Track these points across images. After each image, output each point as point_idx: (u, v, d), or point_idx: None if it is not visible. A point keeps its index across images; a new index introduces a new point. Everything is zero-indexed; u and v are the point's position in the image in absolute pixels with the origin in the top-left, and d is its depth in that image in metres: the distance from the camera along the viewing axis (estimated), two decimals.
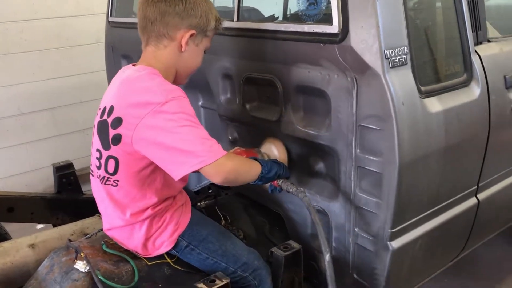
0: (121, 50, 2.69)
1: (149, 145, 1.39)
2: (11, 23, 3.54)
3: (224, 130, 2.19)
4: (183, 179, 1.54)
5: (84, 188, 2.63)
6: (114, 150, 1.46)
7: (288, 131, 1.81)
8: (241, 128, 2.11)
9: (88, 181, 2.89)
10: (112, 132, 1.44)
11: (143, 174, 1.49)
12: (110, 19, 2.74)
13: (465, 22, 1.71)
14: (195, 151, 1.36)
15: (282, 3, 2.67)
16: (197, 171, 1.41)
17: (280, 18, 2.53)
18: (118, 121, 1.42)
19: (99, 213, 2.11)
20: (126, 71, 1.54)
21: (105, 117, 1.47)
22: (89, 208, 2.40)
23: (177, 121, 1.36)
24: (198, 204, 2.09)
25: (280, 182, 1.65)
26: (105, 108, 1.49)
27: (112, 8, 2.73)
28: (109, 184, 1.51)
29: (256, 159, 1.62)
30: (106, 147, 1.47)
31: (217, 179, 1.42)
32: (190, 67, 1.61)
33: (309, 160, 1.81)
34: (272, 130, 1.88)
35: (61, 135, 3.94)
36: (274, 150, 1.84)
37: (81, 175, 2.69)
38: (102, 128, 1.48)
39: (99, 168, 1.52)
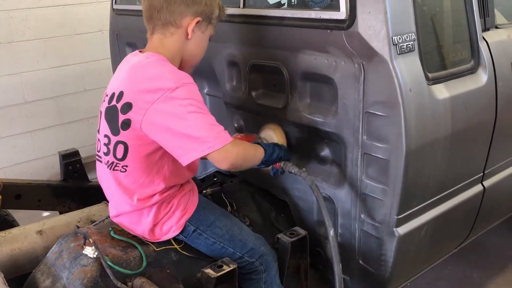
0: (125, 38, 2.68)
1: (158, 130, 1.41)
2: (15, 11, 3.53)
3: (230, 118, 2.19)
4: (192, 168, 1.56)
5: (89, 176, 2.65)
6: (123, 135, 1.46)
7: (294, 118, 1.81)
8: (247, 115, 2.11)
9: (93, 168, 2.92)
10: (121, 117, 1.45)
11: (151, 160, 1.50)
12: (115, 6, 2.73)
13: (473, 8, 1.70)
14: (203, 137, 1.38)
15: None
16: (204, 158, 1.43)
17: (286, 4, 2.52)
18: (128, 106, 1.43)
19: (105, 200, 2.14)
20: (134, 58, 1.54)
21: (114, 102, 1.48)
22: (95, 195, 2.43)
23: (187, 107, 1.37)
24: (204, 191, 2.09)
25: (282, 164, 1.68)
26: (113, 94, 1.49)
27: None
28: (117, 170, 1.52)
29: (258, 143, 1.65)
30: (115, 132, 1.48)
31: (224, 165, 1.44)
32: (196, 54, 1.62)
33: (316, 147, 1.81)
34: (278, 117, 1.88)
35: (65, 123, 3.95)
36: (273, 135, 1.86)
37: (86, 163, 2.70)
38: (111, 114, 1.49)
39: (107, 154, 1.53)
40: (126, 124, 1.44)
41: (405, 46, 1.44)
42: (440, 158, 1.63)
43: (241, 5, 1.89)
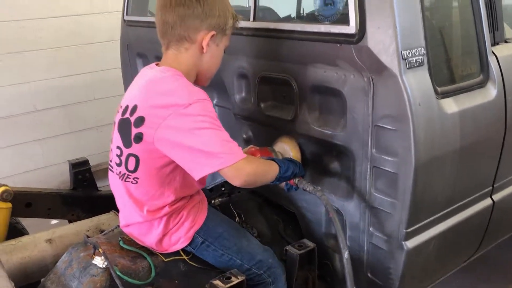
0: (136, 49, 2.71)
1: (170, 145, 1.41)
2: (27, 21, 3.58)
3: (239, 129, 2.21)
4: (201, 180, 1.57)
5: (98, 184, 2.67)
6: (135, 148, 1.48)
7: (303, 131, 1.82)
8: (256, 127, 2.12)
9: (102, 177, 2.94)
10: (134, 131, 1.46)
11: (163, 173, 1.51)
12: (126, 17, 2.77)
13: (482, 22, 1.71)
14: (215, 152, 1.38)
15: (296, 2, 2.69)
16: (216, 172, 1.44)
17: (295, 17, 2.54)
18: (141, 120, 1.45)
19: (114, 209, 2.16)
20: (150, 72, 1.55)
21: (127, 115, 1.49)
22: (104, 204, 2.45)
23: (200, 123, 1.38)
24: (213, 201, 2.11)
25: (296, 181, 1.67)
26: (127, 106, 1.51)
27: (128, 7, 2.75)
28: (129, 181, 1.54)
29: (273, 159, 1.64)
30: (127, 144, 1.50)
31: (236, 182, 1.44)
32: (212, 67, 1.63)
33: (324, 159, 1.82)
34: (287, 129, 1.89)
35: (75, 131, 3.98)
36: (288, 148, 1.86)
37: (95, 171, 2.73)
38: (124, 126, 1.50)
39: (119, 165, 1.55)
40: (139, 138, 1.45)
41: (414, 61, 1.45)
42: (449, 172, 1.63)
43: (251, 18, 1.91)
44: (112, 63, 3.79)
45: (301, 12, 2.56)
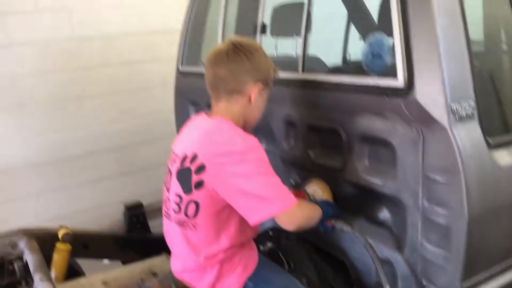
0: (189, 96, 2.85)
1: (229, 191, 1.49)
2: (86, 69, 3.82)
3: (286, 175, 2.24)
4: (255, 228, 1.62)
5: (149, 224, 2.75)
6: (196, 195, 1.55)
7: (352, 179, 1.83)
8: (303, 173, 2.15)
9: (153, 217, 3.02)
10: (195, 178, 1.53)
11: (220, 217, 1.57)
12: (181, 68, 2.92)
13: None
14: (271, 198, 1.46)
15: (342, 51, 2.76)
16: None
17: (342, 65, 2.60)
18: (201, 168, 1.52)
19: (166, 252, 2.22)
20: (204, 123, 1.65)
21: (187, 164, 1.57)
22: (156, 247, 2.52)
23: (256, 169, 1.47)
24: (261, 248, 2.13)
25: (333, 222, 1.72)
26: (185, 156, 1.59)
27: (182, 58, 2.92)
28: (188, 228, 1.60)
29: (316, 202, 1.71)
30: (188, 191, 1.56)
31: (290, 227, 1.52)
32: (257, 115, 1.73)
33: (374, 209, 1.82)
34: (335, 177, 1.91)
35: (127, 173, 4.14)
36: (319, 190, 1.89)
37: (146, 211, 2.82)
38: (184, 175, 1.58)
39: (178, 212, 1.61)
40: (199, 184, 1.53)
41: (464, 113, 1.46)
42: (505, 224, 1.59)
43: (300, 70, 1.98)
44: (163, 107, 3.95)
45: (348, 59, 2.63)
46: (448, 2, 1.47)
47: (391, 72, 1.58)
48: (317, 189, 1.89)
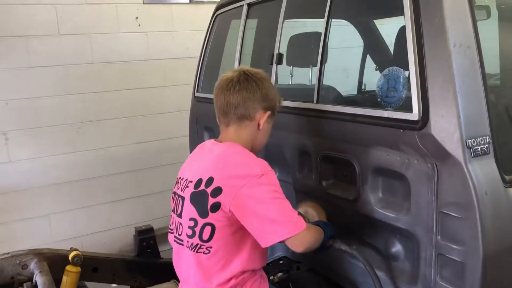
0: (204, 123, 2.87)
1: (244, 212, 1.52)
2: (105, 92, 3.91)
3: (299, 204, 2.23)
4: (264, 255, 1.64)
5: (160, 248, 2.74)
6: (212, 217, 1.56)
7: (365, 211, 1.81)
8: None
9: (164, 242, 3.01)
10: (211, 201, 1.56)
11: (234, 240, 1.58)
12: (196, 94, 2.96)
13: None
14: (283, 222, 1.51)
15: (357, 83, 2.77)
16: (281, 242, 1.53)
17: (357, 96, 2.60)
18: (218, 190, 1.55)
19: (174, 278, 2.21)
20: (216, 148, 1.68)
21: (202, 187, 1.59)
22: (165, 272, 2.51)
23: (270, 192, 1.52)
24: (271, 277, 2.11)
25: (331, 242, 1.75)
26: (200, 180, 1.61)
27: (198, 84, 2.96)
28: (201, 252, 1.60)
29: (318, 225, 1.74)
30: (204, 215, 1.58)
31: (299, 249, 1.57)
32: (263, 142, 1.79)
33: (387, 243, 1.79)
34: (348, 208, 1.89)
35: (141, 196, 4.17)
36: (313, 212, 1.90)
37: (157, 235, 2.81)
38: (199, 198, 1.60)
39: (191, 236, 1.61)
40: (216, 207, 1.55)
41: (479, 149, 1.44)
42: None
43: (315, 101, 1.99)
44: (179, 132, 4.00)
45: (363, 90, 2.63)
46: (464, 37, 1.48)
47: (406, 105, 1.59)
48: (311, 211, 1.91)
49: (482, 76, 1.50)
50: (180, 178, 1.74)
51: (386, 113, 1.66)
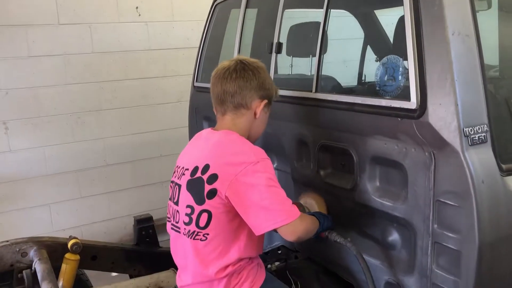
0: (203, 112, 2.87)
1: (239, 199, 1.53)
2: (105, 82, 3.91)
3: (297, 194, 2.23)
4: (260, 244, 1.65)
5: (159, 238, 2.75)
6: (208, 204, 1.57)
7: (362, 200, 1.82)
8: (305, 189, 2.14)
9: (163, 232, 3.03)
10: (208, 188, 1.57)
11: (231, 227, 1.59)
12: (196, 84, 2.96)
13: None
14: (277, 210, 1.51)
15: (358, 71, 2.77)
16: (274, 230, 1.54)
17: (356, 85, 2.60)
18: (214, 177, 1.56)
19: (173, 267, 2.22)
20: (213, 136, 1.69)
21: (198, 174, 1.60)
22: (164, 261, 2.52)
23: (266, 179, 1.52)
24: (269, 266, 2.12)
25: (327, 233, 1.77)
26: (196, 167, 1.62)
27: (197, 74, 2.95)
28: (198, 239, 1.61)
29: (313, 215, 1.76)
30: (200, 202, 1.59)
31: (291, 238, 1.57)
32: (260, 131, 1.81)
33: (384, 231, 1.80)
34: (345, 197, 1.90)
35: (140, 186, 4.18)
36: (314, 203, 1.92)
37: (157, 225, 2.83)
38: (195, 185, 1.60)
39: (188, 223, 1.62)
40: (212, 193, 1.56)
41: (477, 138, 1.44)
42: None
43: (314, 90, 1.99)
44: (179, 122, 4.00)
45: (363, 80, 2.63)
46: (463, 26, 1.47)
47: (404, 93, 1.58)
48: (312, 202, 1.93)
49: (480, 65, 1.49)
50: (177, 166, 1.75)
51: (384, 102, 1.65)
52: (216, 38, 2.97)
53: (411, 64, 1.54)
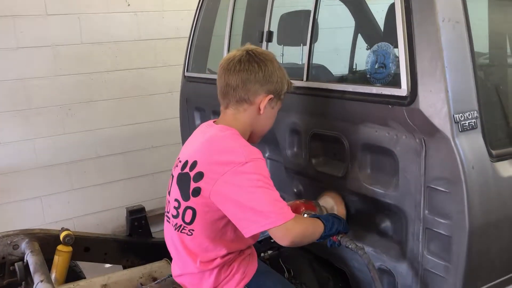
0: (195, 103, 2.86)
1: (225, 201, 1.48)
2: (95, 73, 3.87)
3: (289, 183, 2.24)
4: (254, 236, 1.61)
5: (152, 230, 2.76)
6: (193, 202, 1.55)
7: (353, 188, 1.83)
8: (306, 181, 2.15)
9: (156, 223, 3.03)
10: (193, 185, 1.54)
11: (216, 226, 1.56)
12: (186, 74, 2.94)
13: None
14: (266, 211, 1.43)
15: (349, 59, 2.76)
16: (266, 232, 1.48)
17: (347, 74, 2.60)
18: (200, 176, 1.52)
19: (166, 257, 2.22)
20: (209, 130, 1.64)
21: (187, 170, 1.57)
22: (157, 251, 2.52)
23: (254, 181, 1.45)
24: (262, 254, 2.12)
25: (339, 238, 1.67)
26: (186, 161, 1.59)
27: (188, 64, 2.94)
28: (184, 233, 1.60)
29: (318, 217, 1.66)
30: (186, 198, 1.57)
31: (284, 242, 1.48)
32: (265, 127, 1.72)
33: (375, 218, 1.81)
34: (337, 185, 1.91)
35: (132, 177, 4.16)
36: (333, 204, 1.88)
37: (149, 217, 2.83)
38: (183, 180, 1.58)
39: (176, 216, 1.62)
40: (197, 192, 1.53)
41: (467, 124, 1.45)
42: (507, 237, 1.57)
43: (305, 78, 1.99)
44: (170, 113, 3.98)
45: (354, 68, 2.63)
46: (453, 13, 1.48)
47: (395, 81, 1.59)
48: (331, 202, 1.88)
49: (470, 52, 1.50)
50: (178, 157, 1.73)
51: (375, 89, 1.66)
52: (206, 27, 2.95)
53: (401, 51, 1.54)
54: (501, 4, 2.18)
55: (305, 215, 1.77)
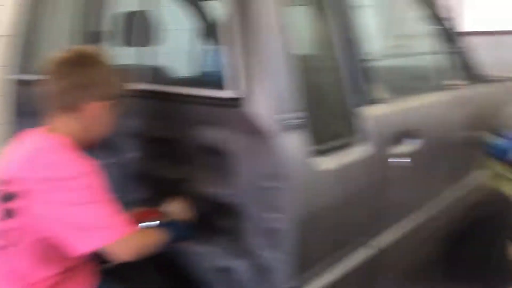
0: (20, 108, 2.59)
1: (48, 221, 1.37)
2: None
3: (133, 190, 2.16)
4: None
5: None
6: (12, 222, 1.40)
7: (197, 191, 1.84)
8: (150, 187, 2.10)
9: None
10: (9, 205, 1.39)
11: (44, 245, 1.43)
12: (12, 76, 2.65)
13: (346, 85, 1.88)
14: (95, 228, 1.36)
15: (187, 63, 2.78)
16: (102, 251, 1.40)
17: (184, 76, 2.61)
18: (13, 194, 1.39)
19: None
20: (33, 140, 1.50)
21: (3, 188, 1.42)
22: None
23: (83, 197, 1.35)
24: (103, 266, 2.01)
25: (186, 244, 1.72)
26: (3, 180, 1.44)
27: (14, 65, 2.64)
28: (9, 252, 1.45)
29: (164, 225, 1.66)
30: (4, 217, 1.42)
31: (124, 257, 1.42)
32: (100, 133, 1.62)
33: (213, 218, 1.84)
34: (181, 189, 1.89)
35: None
36: (179, 208, 1.87)
37: None
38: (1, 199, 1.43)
39: None
40: (13, 213, 1.39)
41: (289, 124, 1.56)
42: (329, 222, 1.74)
43: (144, 81, 1.96)
44: None
45: (191, 71, 2.65)
46: (272, 21, 1.57)
47: (223, 83, 1.63)
48: (177, 208, 1.85)
49: (291, 56, 1.61)
50: None
51: (206, 92, 1.70)
52: (31, 24, 2.68)
53: (229, 55, 1.60)
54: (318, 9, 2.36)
55: (148, 223, 1.73)
